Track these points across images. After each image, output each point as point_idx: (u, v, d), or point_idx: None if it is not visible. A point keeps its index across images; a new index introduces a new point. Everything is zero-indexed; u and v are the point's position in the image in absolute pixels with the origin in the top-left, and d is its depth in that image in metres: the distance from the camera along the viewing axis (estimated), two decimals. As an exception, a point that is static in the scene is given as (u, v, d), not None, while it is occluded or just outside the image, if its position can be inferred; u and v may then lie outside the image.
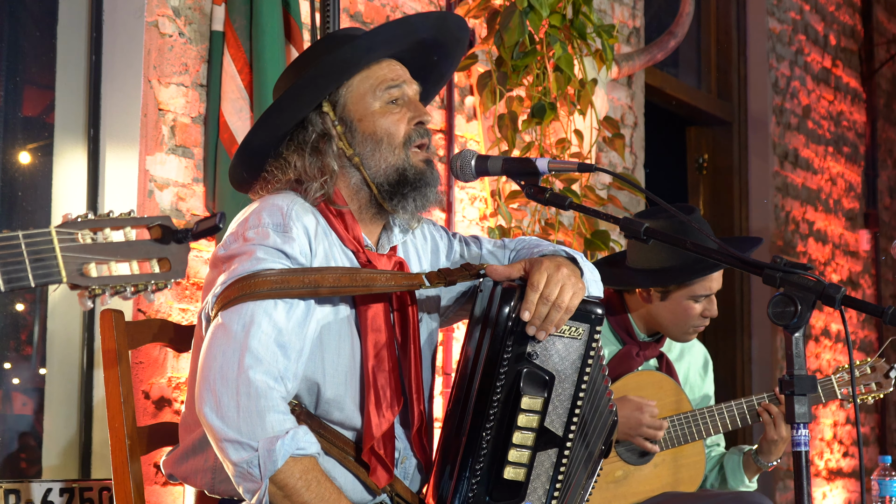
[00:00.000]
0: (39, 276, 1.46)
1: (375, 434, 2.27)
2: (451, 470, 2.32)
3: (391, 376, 2.32)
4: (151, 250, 1.55)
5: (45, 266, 1.46)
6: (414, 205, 2.36)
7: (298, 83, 2.33)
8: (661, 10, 6.08)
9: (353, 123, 2.36)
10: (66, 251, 1.48)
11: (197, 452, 2.32)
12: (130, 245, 1.53)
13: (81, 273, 1.48)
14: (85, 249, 1.49)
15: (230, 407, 2.11)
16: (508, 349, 2.27)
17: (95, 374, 3.32)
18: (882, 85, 7.96)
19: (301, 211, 2.29)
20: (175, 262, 1.56)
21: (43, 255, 1.46)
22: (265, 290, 2.15)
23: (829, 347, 7.03)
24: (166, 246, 1.55)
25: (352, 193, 2.38)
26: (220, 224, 1.52)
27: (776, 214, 6.62)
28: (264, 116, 2.36)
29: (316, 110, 2.36)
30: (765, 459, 3.33)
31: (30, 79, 3.54)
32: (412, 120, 2.37)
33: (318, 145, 2.34)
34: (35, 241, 1.46)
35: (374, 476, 2.30)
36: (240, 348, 2.14)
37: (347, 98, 2.37)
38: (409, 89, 2.40)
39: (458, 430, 2.32)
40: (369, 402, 2.28)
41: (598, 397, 2.42)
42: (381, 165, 2.35)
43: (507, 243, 2.58)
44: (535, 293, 2.24)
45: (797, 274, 2.01)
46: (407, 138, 2.36)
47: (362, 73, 2.38)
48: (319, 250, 2.30)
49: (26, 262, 1.45)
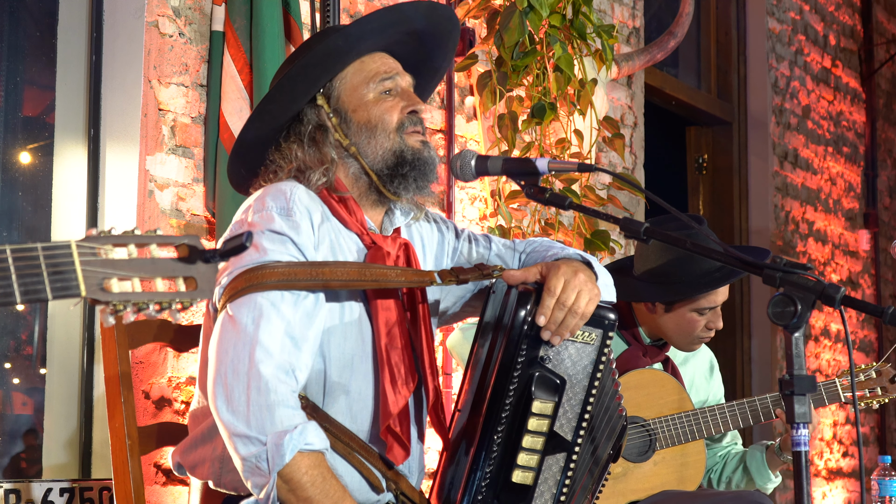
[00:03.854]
0: (57, 289, 1.42)
1: (392, 411, 2.28)
2: (461, 471, 2.31)
3: (404, 353, 2.32)
4: (177, 268, 1.51)
5: (64, 279, 1.43)
6: (415, 184, 2.37)
7: (290, 73, 2.35)
8: (661, 10, 6.08)
9: (348, 114, 2.38)
10: (87, 265, 1.44)
11: (206, 441, 2.33)
12: (154, 262, 1.49)
13: (102, 288, 1.45)
14: (106, 265, 1.46)
15: (241, 401, 2.12)
16: (522, 353, 2.26)
17: (95, 374, 3.32)
18: (882, 85, 7.96)
19: (304, 195, 2.31)
20: (202, 282, 1.52)
21: (62, 269, 1.43)
22: (272, 282, 2.16)
23: (828, 347, 7.03)
24: (193, 265, 1.51)
25: (352, 182, 2.40)
26: (248, 244, 1.49)
27: (776, 214, 6.62)
28: (258, 108, 2.38)
29: (310, 104, 2.39)
30: (788, 454, 3.34)
31: (30, 79, 3.54)
32: (405, 108, 2.40)
33: (314, 137, 2.37)
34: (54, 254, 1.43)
35: (391, 454, 2.30)
36: (250, 342, 2.15)
37: (341, 90, 2.39)
38: (403, 81, 2.43)
39: (468, 432, 2.32)
40: (384, 380, 2.28)
41: (608, 402, 2.41)
42: (378, 151, 2.37)
43: (517, 245, 2.58)
44: (551, 298, 2.24)
45: (797, 274, 2.01)
46: (400, 124, 2.38)
47: (355, 66, 2.40)
48: (324, 234, 2.31)
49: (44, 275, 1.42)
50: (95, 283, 1.45)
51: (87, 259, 1.45)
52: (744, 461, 3.45)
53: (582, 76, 4.22)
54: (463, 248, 2.58)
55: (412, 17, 2.44)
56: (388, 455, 2.30)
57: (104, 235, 1.47)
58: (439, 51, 2.54)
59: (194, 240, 1.53)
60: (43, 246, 1.43)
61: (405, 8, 2.43)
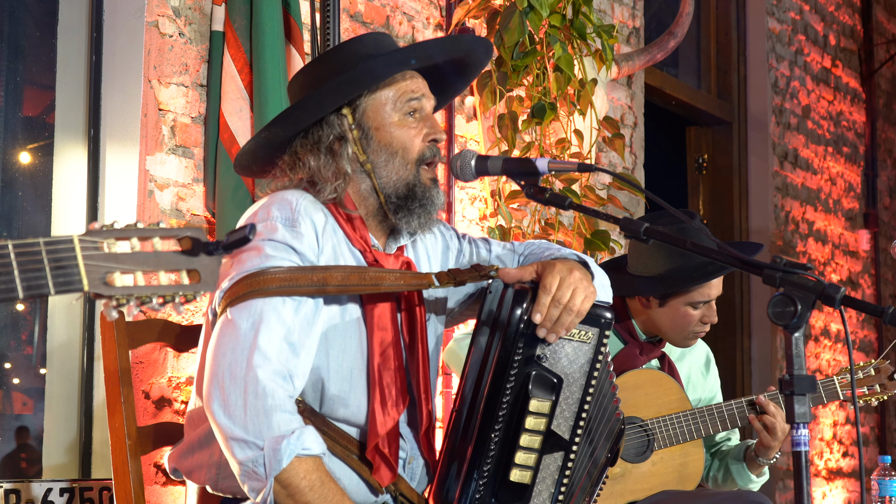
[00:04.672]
0: (60, 283, 1.42)
1: (380, 432, 2.28)
2: (458, 471, 2.31)
3: (397, 375, 2.32)
4: (180, 262, 1.50)
5: (67, 274, 1.42)
6: (418, 222, 2.38)
7: (326, 88, 2.33)
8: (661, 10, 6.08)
9: (370, 131, 2.37)
10: (89, 259, 1.44)
11: (203, 447, 2.33)
12: (158, 256, 1.49)
13: (105, 282, 1.44)
14: (109, 258, 1.45)
15: (238, 405, 2.12)
16: (519, 351, 2.27)
17: (95, 374, 3.32)
18: (882, 85, 7.96)
19: (310, 206, 2.30)
20: (205, 274, 1.51)
21: (64, 263, 1.42)
22: (273, 288, 2.16)
23: (828, 347, 7.03)
24: (196, 258, 1.51)
25: (361, 199, 2.39)
26: (251, 236, 1.49)
27: (776, 214, 6.62)
28: (287, 112, 2.36)
29: (335, 112, 2.37)
30: (763, 457, 3.34)
31: (30, 79, 3.54)
32: (427, 136, 2.39)
33: (333, 147, 2.35)
34: (56, 249, 1.42)
35: (378, 475, 2.30)
36: (249, 346, 2.14)
37: (367, 105, 2.37)
38: (428, 104, 2.42)
39: (465, 432, 2.32)
40: (374, 400, 2.29)
41: (605, 402, 2.42)
42: (392, 177, 2.36)
43: (517, 247, 2.58)
44: (547, 296, 2.25)
45: (797, 274, 2.01)
46: (421, 156, 2.38)
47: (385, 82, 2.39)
48: (327, 247, 2.31)
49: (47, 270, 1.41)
50: (98, 277, 1.44)
51: (90, 253, 1.44)
52: (727, 461, 3.45)
53: (582, 76, 4.22)
54: (465, 250, 2.58)
55: (451, 52, 2.47)
56: (374, 476, 2.30)
57: (106, 229, 1.46)
58: (465, 78, 2.56)
59: (197, 232, 1.52)
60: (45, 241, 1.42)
61: (451, 43, 2.48)
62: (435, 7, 4.30)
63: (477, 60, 2.52)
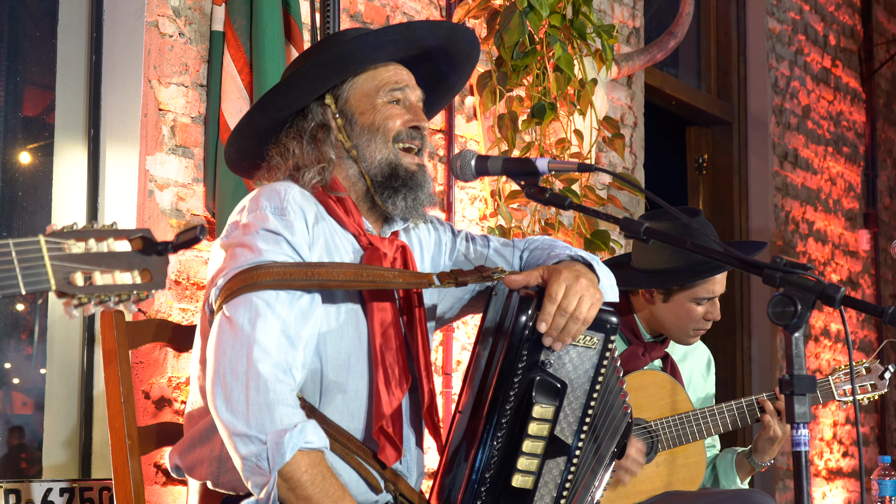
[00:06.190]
0: (30, 283, 1.48)
1: (385, 411, 2.28)
2: (461, 475, 2.31)
3: (398, 354, 2.33)
4: (133, 261, 1.57)
5: (35, 273, 1.48)
6: (404, 203, 2.38)
7: (301, 70, 2.36)
8: (661, 10, 6.08)
9: (354, 117, 2.40)
10: (55, 259, 1.50)
11: (203, 442, 2.33)
12: (114, 255, 1.56)
13: (69, 282, 1.51)
14: (71, 259, 1.52)
15: (240, 401, 2.13)
16: (523, 357, 2.26)
17: (95, 374, 3.32)
18: (882, 85, 7.96)
19: (299, 195, 2.31)
20: (156, 274, 1.59)
21: (33, 263, 1.49)
22: (268, 282, 2.17)
23: (828, 347, 7.03)
24: (148, 257, 1.58)
25: (350, 184, 2.41)
26: (201, 236, 1.55)
27: (776, 214, 6.62)
28: (264, 97, 2.39)
29: (318, 101, 2.40)
30: (759, 459, 3.34)
31: (30, 79, 3.54)
32: (408, 122, 2.40)
33: (316, 134, 2.38)
34: (25, 249, 1.48)
35: (383, 455, 2.30)
36: (248, 342, 2.15)
37: (351, 93, 2.40)
38: (412, 94, 2.44)
39: (468, 436, 2.32)
40: (378, 380, 2.29)
41: (611, 399, 2.41)
42: (375, 157, 2.38)
43: (517, 242, 2.57)
44: (553, 304, 2.24)
45: (797, 274, 2.01)
46: (397, 135, 2.39)
47: (368, 73, 2.42)
48: (319, 234, 2.31)
49: (17, 270, 1.47)
50: (63, 276, 1.51)
51: (55, 254, 1.51)
52: (713, 463, 3.46)
53: (582, 76, 4.22)
54: (461, 246, 2.58)
55: (431, 38, 2.45)
56: (379, 456, 2.30)
57: (67, 231, 1.53)
58: (456, 72, 2.56)
59: (147, 232, 1.59)
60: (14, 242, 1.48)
61: (425, 27, 2.45)
62: (435, 7, 4.30)
63: (462, 52, 2.51)
